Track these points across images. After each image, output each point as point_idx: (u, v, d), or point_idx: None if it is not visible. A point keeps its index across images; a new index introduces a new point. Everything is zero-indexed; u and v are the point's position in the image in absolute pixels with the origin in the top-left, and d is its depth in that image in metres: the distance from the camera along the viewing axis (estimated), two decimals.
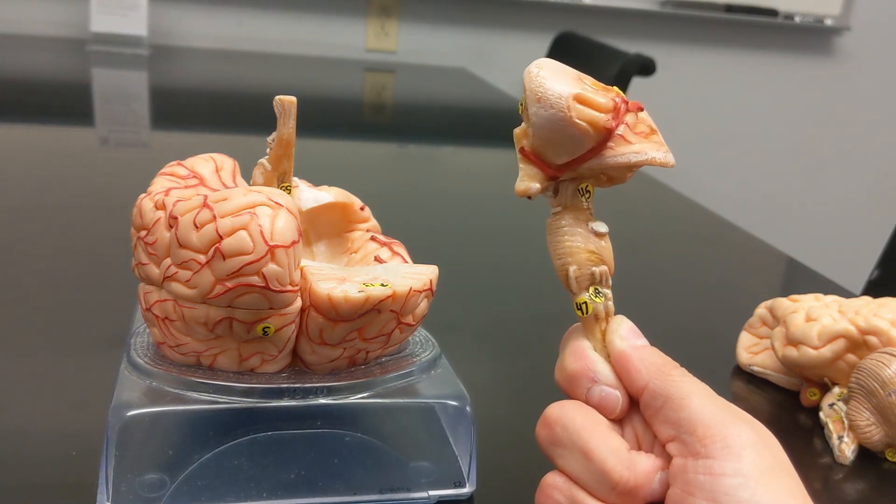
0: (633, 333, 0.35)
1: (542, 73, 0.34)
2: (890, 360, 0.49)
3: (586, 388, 0.34)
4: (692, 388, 0.32)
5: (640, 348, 0.34)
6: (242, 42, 1.83)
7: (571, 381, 0.34)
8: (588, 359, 0.34)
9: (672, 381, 0.32)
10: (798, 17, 2.15)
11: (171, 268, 0.37)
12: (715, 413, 0.31)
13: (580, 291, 0.36)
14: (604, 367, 0.34)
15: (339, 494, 0.40)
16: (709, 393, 0.32)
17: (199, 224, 0.36)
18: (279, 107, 0.41)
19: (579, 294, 0.36)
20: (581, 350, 0.35)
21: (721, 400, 0.32)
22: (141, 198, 0.40)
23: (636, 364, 0.33)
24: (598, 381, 0.34)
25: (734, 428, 0.30)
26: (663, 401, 0.32)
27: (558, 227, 0.36)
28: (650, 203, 1.08)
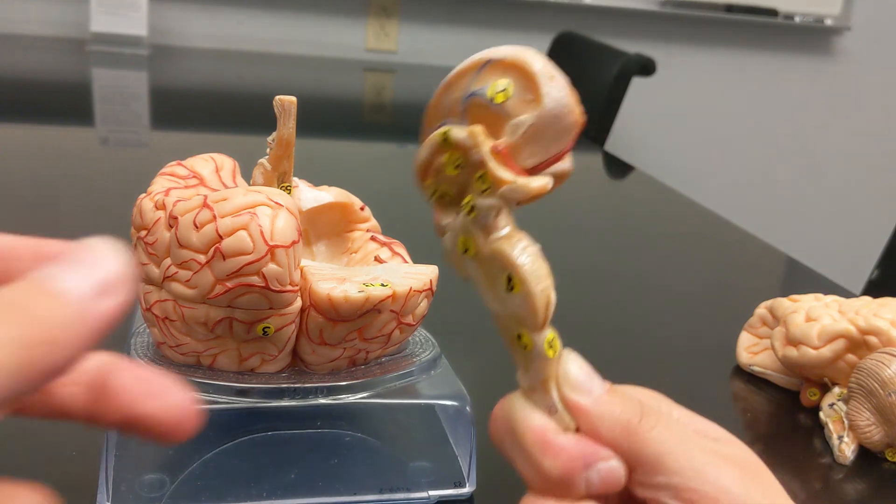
0: (585, 377, 0.28)
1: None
2: (890, 360, 0.49)
3: (583, 481, 0.27)
4: (665, 440, 0.27)
5: (599, 400, 0.28)
6: (242, 42, 1.83)
7: (563, 484, 0.27)
8: (570, 446, 0.27)
9: (640, 439, 0.27)
10: (798, 16, 2.15)
11: (171, 268, 0.37)
12: (696, 467, 0.27)
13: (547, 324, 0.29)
14: (583, 442, 0.27)
15: (339, 494, 0.40)
16: (684, 436, 0.28)
17: (199, 224, 0.36)
18: (279, 107, 0.41)
19: (546, 328, 0.29)
20: (547, 438, 0.27)
21: (698, 438, 0.28)
22: (141, 198, 0.40)
23: (596, 422, 0.27)
24: (591, 463, 0.27)
25: (723, 478, 0.27)
26: (635, 464, 0.27)
27: (528, 247, 0.29)
28: (650, 203, 1.08)
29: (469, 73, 0.28)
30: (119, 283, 0.20)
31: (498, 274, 0.28)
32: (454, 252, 0.29)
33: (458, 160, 0.28)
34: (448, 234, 0.29)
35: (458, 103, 0.28)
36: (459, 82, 0.28)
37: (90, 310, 0.19)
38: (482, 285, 0.29)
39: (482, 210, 0.28)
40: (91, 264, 0.20)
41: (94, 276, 0.19)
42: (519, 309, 0.28)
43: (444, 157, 0.28)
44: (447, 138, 0.28)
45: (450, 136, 0.28)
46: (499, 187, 0.28)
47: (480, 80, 0.28)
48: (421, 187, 0.30)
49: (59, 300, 0.18)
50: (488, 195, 0.28)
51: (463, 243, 0.29)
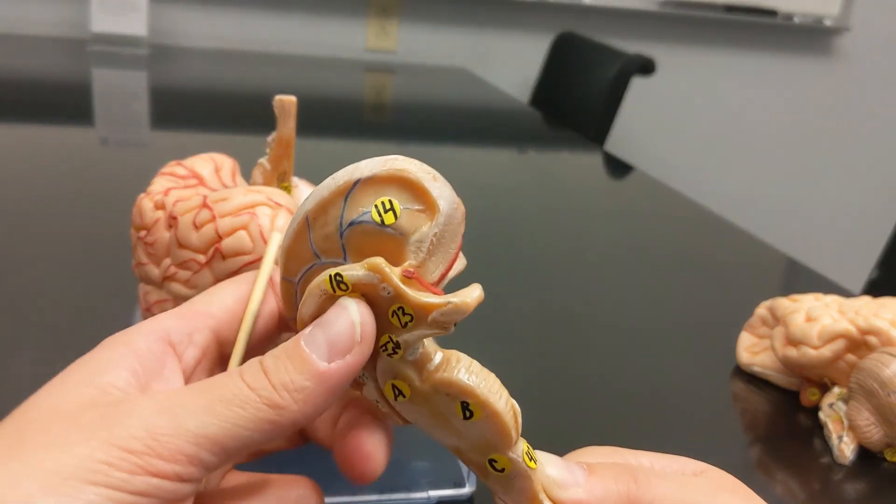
0: (567, 472, 0.27)
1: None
2: (890, 360, 0.49)
3: None
4: (667, 493, 0.26)
5: (591, 487, 0.26)
6: (242, 42, 1.83)
7: None
8: None
9: (646, 502, 0.26)
10: (797, 17, 2.15)
11: (171, 268, 0.37)
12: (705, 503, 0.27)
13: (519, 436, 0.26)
14: None
15: (339, 494, 0.40)
16: (678, 482, 0.27)
17: (199, 224, 0.36)
18: (279, 107, 0.41)
19: (519, 440, 0.26)
20: None
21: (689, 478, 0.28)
22: (141, 198, 0.40)
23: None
24: None
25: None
26: None
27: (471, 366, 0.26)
28: (650, 203, 1.08)
29: (335, 203, 0.24)
30: (355, 345, 0.24)
31: (448, 406, 0.25)
32: (383, 402, 0.26)
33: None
34: (367, 385, 0.26)
35: (333, 239, 0.24)
36: (323, 216, 0.24)
37: (328, 374, 0.23)
38: (429, 424, 0.26)
39: (411, 345, 0.25)
40: (338, 329, 0.23)
41: (337, 340, 0.23)
42: (486, 434, 0.25)
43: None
44: (343, 281, 0.24)
45: (345, 278, 0.24)
46: (426, 315, 0.24)
47: (353, 206, 0.24)
48: None
49: (303, 366, 0.23)
50: (413, 327, 0.24)
51: (392, 388, 0.25)
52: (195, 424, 0.21)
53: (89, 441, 0.20)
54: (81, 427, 0.21)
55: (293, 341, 0.23)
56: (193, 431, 0.21)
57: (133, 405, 0.21)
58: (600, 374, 0.60)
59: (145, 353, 0.24)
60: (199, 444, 0.21)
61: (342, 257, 0.24)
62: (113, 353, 0.23)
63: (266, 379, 0.22)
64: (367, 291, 0.24)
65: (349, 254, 0.24)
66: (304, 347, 0.23)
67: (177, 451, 0.20)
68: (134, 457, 0.20)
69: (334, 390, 0.23)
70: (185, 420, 0.21)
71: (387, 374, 0.25)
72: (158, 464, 0.20)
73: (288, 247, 0.25)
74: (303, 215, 0.24)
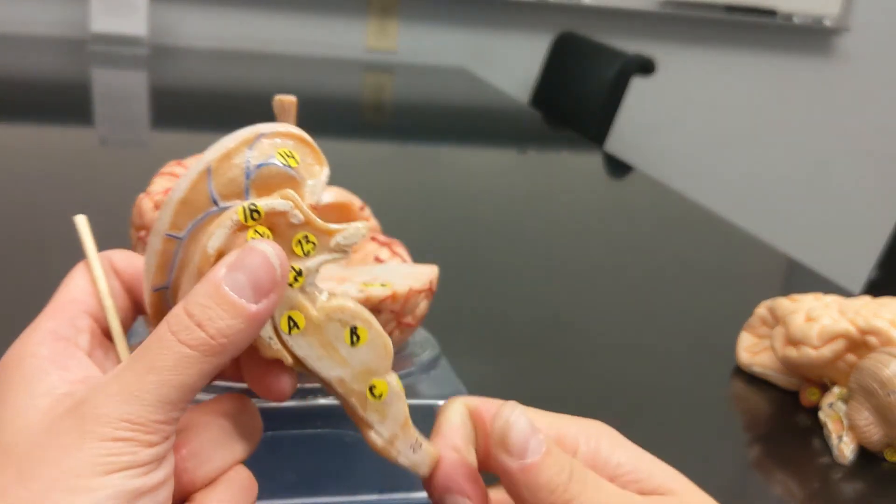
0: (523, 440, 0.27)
1: None
2: (889, 360, 0.49)
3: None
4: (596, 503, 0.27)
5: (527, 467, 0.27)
6: (242, 42, 1.83)
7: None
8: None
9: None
10: (797, 17, 2.15)
11: None
12: None
13: None
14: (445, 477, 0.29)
15: (339, 494, 0.40)
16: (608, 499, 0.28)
17: None
18: (279, 107, 0.41)
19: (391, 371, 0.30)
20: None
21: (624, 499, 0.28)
22: (141, 198, 0.40)
23: (519, 487, 0.27)
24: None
25: None
26: None
27: (350, 296, 0.29)
28: (650, 203, 1.08)
29: (239, 151, 0.27)
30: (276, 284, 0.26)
31: (337, 334, 0.28)
32: (278, 335, 0.27)
33: (265, 233, 0.27)
34: None
35: (240, 181, 0.26)
36: (227, 163, 0.26)
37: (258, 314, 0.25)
38: (317, 356, 0.28)
39: (311, 272, 0.27)
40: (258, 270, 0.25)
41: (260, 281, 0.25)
42: (369, 358, 0.28)
43: (248, 234, 0.26)
44: (256, 210, 0.26)
45: (259, 207, 0.26)
46: (329, 239, 0.27)
47: (256, 155, 0.27)
48: None
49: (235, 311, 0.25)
50: (316, 254, 0.27)
51: (289, 320, 0.27)
52: (157, 398, 0.24)
53: (84, 444, 0.23)
54: (68, 435, 0.24)
55: (213, 286, 0.25)
56: (158, 404, 0.24)
57: (97, 406, 0.24)
58: (600, 374, 0.60)
59: (53, 356, 0.26)
60: (165, 410, 0.24)
61: (243, 198, 0.27)
62: (28, 366, 0.26)
63: (200, 331, 0.25)
64: (276, 221, 0.27)
65: (252, 194, 0.27)
66: (229, 292, 0.25)
67: (153, 423, 0.24)
68: (125, 443, 0.24)
69: (260, 326, 0.26)
70: (146, 397, 0.24)
71: (284, 306, 0.27)
72: (146, 437, 0.24)
73: (182, 198, 0.26)
74: (203, 166, 0.26)
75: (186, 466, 0.26)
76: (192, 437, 0.27)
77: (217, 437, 0.27)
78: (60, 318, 0.28)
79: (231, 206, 0.26)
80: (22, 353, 0.26)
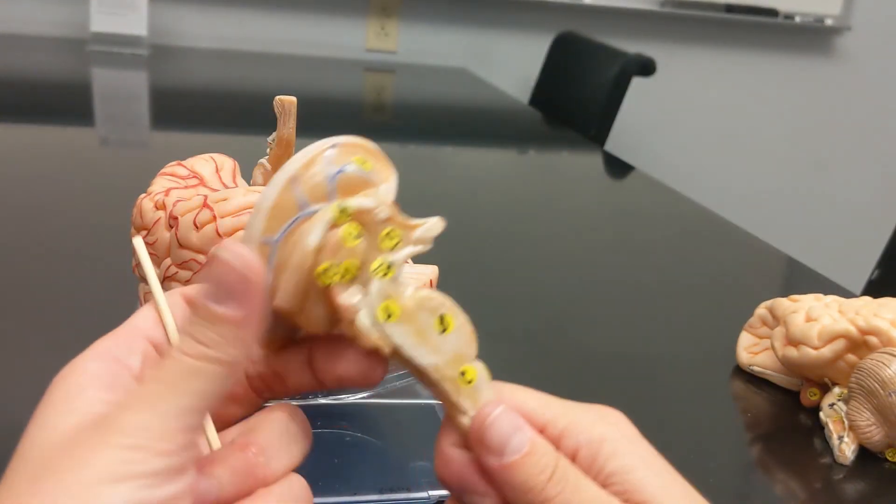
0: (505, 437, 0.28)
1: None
2: (890, 360, 0.49)
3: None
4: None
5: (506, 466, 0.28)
6: (242, 42, 1.83)
7: None
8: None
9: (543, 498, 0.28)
10: (798, 17, 2.15)
11: (172, 268, 0.37)
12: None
13: None
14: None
15: (339, 494, 0.40)
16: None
17: (200, 224, 0.36)
18: (279, 107, 0.41)
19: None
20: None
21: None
22: (141, 198, 0.40)
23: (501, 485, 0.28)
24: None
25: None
26: None
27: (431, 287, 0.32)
28: (650, 203, 1.08)
29: (318, 160, 0.29)
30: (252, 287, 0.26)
31: (428, 322, 0.29)
32: (376, 324, 0.29)
33: (356, 230, 0.29)
34: (363, 310, 0.29)
35: (324, 186, 0.29)
36: (310, 170, 0.29)
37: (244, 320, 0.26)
38: (413, 345, 0.29)
39: (399, 264, 0.29)
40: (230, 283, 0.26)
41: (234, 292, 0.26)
42: (458, 344, 0.30)
43: (341, 231, 0.28)
44: (344, 210, 0.28)
45: (348, 206, 0.29)
46: (412, 232, 0.30)
47: (336, 162, 0.29)
48: (320, 275, 0.28)
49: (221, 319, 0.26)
50: (401, 247, 0.30)
51: (384, 309, 0.29)
52: (170, 407, 0.24)
53: (98, 453, 0.24)
54: (83, 446, 0.24)
55: (201, 306, 0.26)
56: (172, 412, 0.24)
57: (115, 416, 0.25)
58: (600, 373, 0.60)
59: (100, 374, 0.27)
60: (180, 418, 0.25)
61: (328, 201, 0.29)
62: (73, 383, 0.27)
63: (200, 345, 0.26)
64: (364, 218, 0.29)
65: (337, 196, 0.29)
66: (207, 303, 0.26)
67: (168, 431, 0.24)
68: (140, 451, 0.24)
69: (256, 328, 0.27)
70: (161, 408, 0.24)
71: (380, 296, 0.29)
72: (160, 445, 0.24)
73: (273, 205, 0.28)
74: (289, 173, 0.29)
75: (258, 461, 0.27)
76: (258, 436, 0.28)
77: (280, 435, 0.28)
78: (117, 339, 0.29)
79: (319, 208, 0.28)
80: (73, 369, 0.27)
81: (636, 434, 0.30)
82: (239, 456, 0.27)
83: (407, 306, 0.29)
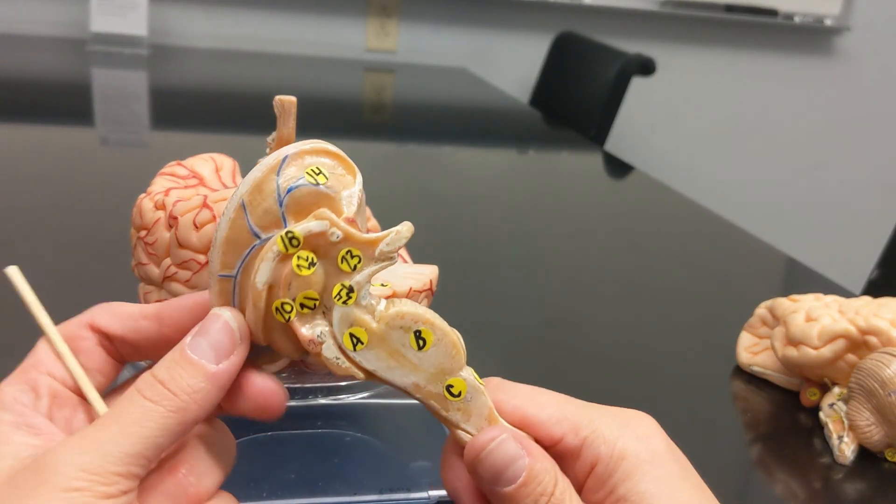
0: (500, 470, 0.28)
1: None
2: (890, 360, 0.49)
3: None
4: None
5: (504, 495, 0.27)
6: (242, 42, 1.83)
7: None
8: None
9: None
10: (798, 17, 2.15)
11: (171, 268, 0.37)
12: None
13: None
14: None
15: (339, 494, 0.40)
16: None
17: (199, 224, 0.36)
18: (279, 107, 0.41)
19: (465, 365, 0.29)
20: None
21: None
22: (141, 198, 0.40)
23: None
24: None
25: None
26: None
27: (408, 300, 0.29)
28: (650, 203, 1.08)
29: (268, 180, 0.27)
30: (236, 345, 0.27)
31: (402, 340, 0.28)
32: (344, 353, 0.27)
33: (309, 258, 0.26)
34: (327, 342, 0.27)
35: (274, 210, 0.27)
36: (259, 195, 0.27)
37: (218, 374, 0.26)
38: (387, 367, 0.28)
39: (362, 286, 0.27)
40: (218, 334, 0.27)
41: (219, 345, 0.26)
42: (439, 359, 0.28)
43: (293, 262, 0.26)
44: (294, 237, 0.26)
45: (296, 233, 0.26)
46: (373, 249, 0.27)
47: (286, 178, 0.27)
48: (276, 312, 0.27)
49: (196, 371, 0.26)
50: (362, 267, 0.27)
51: (351, 337, 0.27)
52: (117, 450, 0.24)
53: (38, 494, 0.23)
54: (24, 488, 0.24)
55: (178, 351, 0.26)
56: (118, 456, 0.24)
57: (56, 456, 0.24)
58: (600, 373, 0.60)
59: (16, 421, 0.27)
60: (125, 463, 0.24)
61: (282, 226, 0.27)
62: None
63: (164, 389, 0.25)
64: (317, 242, 0.27)
65: (289, 219, 0.27)
66: (192, 355, 0.26)
67: (112, 475, 0.24)
68: (82, 493, 0.24)
69: (225, 386, 0.27)
70: (108, 449, 0.24)
71: (344, 324, 0.27)
72: (102, 488, 0.24)
73: (225, 238, 0.27)
74: (237, 202, 0.27)
75: (189, 482, 0.27)
76: (186, 454, 0.27)
77: (206, 452, 0.28)
78: (20, 382, 0.28)
79: (272, 236, 0.27)
80: None
81: (664, 449, 0.29)
82: (170, 480, 0.26)
83: (376, 329, 0.27)
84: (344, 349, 0.27)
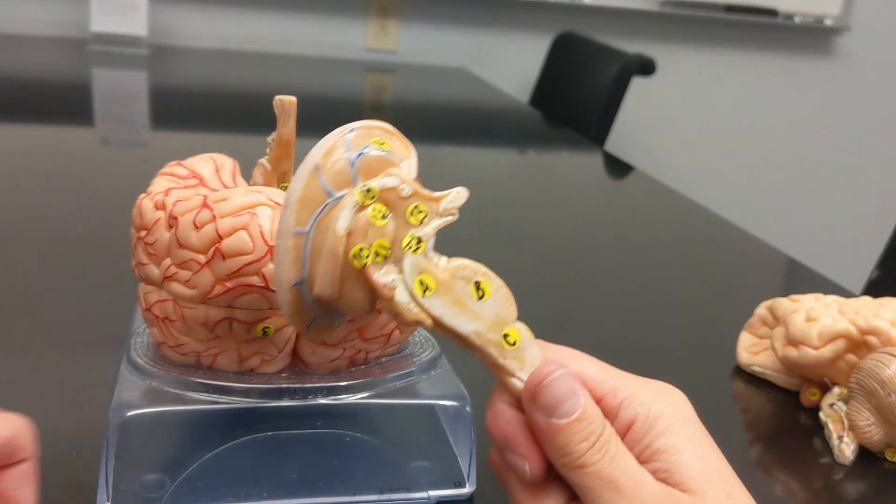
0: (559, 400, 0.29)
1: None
2: (890, 360, 0.49)
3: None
4: (594, 479, 0.28)
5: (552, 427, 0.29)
6: (242, 42, 1.83)
7: None
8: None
9: (573, 471, 0.28)
10: (798, 17, 2.15)
11: (171, 268, 0.37)
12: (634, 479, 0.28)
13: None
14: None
15: (339, 494, 0.40)
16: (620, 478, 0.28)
17: (199, 224, 0.36)
18: (279, 107, 0.41)
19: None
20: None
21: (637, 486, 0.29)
22: (141, 198, 0.40)
23: (543, 444, 0.29)
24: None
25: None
26: (581, 493, 0.29)
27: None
28: (650, 203, 1.08)
29: (338, 146, 0.30)
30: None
31: (464, 290, 0.30)
32: (414, 299, 0.29)
33: (383, 210, 0.29)
34: (399, 288, 0.29)
35: (346, 171, 0.30)
36: (331, 158, 0.30)
37: None
38: (453, 314, 0.30)
39: (428, 237, 0.30)
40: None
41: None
42: (497, 308, 0.31)
43: (369, 212, 0.29)
44: (369, 191, 0.29)
45: (372, 187, 0.29)
46: (438, 205, 0.31)
47: (354, 146, 0.30)
48: (353, 258, 0.29)
49: None
50: (428, 221, 0.30)
51: (420, 284, 0.29)
52: None
53: None
54: None
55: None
56: None
57: None
58: None
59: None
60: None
61: (353, 185, 0.30)
62: None
63: None
64: (388, 197, 0.30)
65: (360, 180, 0.30)
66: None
67: None
68: None
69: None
70: None
71: (414, 271, 0.29)
72: None
73: (300, 197, 0.29)
74: (311, 165, 0.29)
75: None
76: (7, 484, 0.28)
77: (22, 472, 0.28)
78: None
79: (345, 194, 0.29)
80: None
81: (692, 416, 0.31)
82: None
83: (442, 277, 0.30)
84: (414, 295, 0.29)
